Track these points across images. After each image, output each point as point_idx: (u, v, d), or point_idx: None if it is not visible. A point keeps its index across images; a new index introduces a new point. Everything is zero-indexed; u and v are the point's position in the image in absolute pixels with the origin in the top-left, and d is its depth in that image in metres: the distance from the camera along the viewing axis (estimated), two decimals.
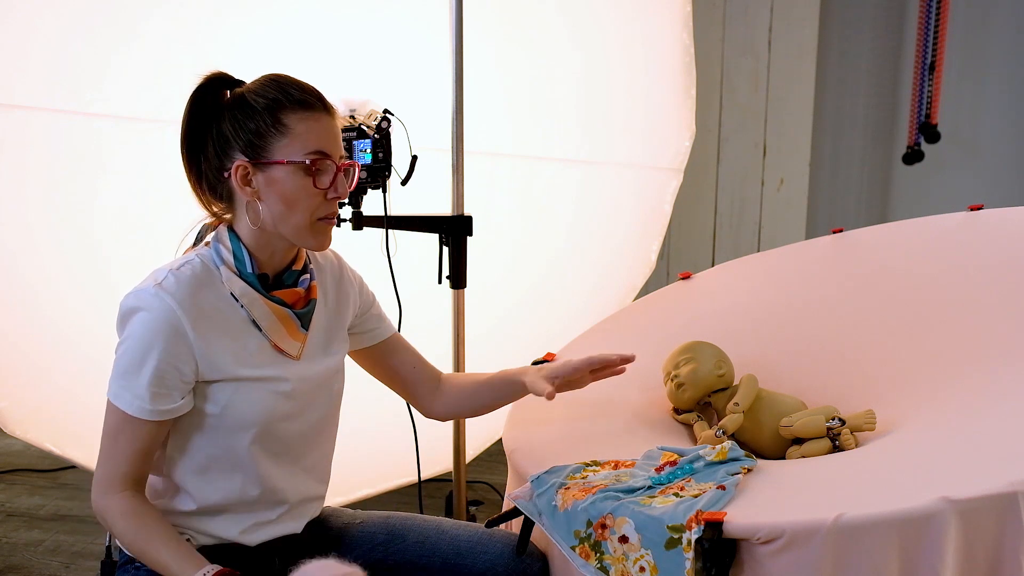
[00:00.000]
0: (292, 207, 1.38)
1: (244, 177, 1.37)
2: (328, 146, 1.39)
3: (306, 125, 1.37)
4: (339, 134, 1.42)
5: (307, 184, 1.37)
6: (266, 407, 1.40)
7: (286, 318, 1.42)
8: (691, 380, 1.75)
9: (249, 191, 1.38)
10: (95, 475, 1.36)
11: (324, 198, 1.39)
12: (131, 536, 1.33)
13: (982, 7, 3.79)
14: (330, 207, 1.41)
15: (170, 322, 1.32)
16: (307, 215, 1.39)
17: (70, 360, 2.25)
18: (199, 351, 1.34)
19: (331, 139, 1.39)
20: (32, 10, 2.09)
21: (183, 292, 1.34)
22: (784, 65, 3.80)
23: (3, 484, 3.00)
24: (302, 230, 1.39)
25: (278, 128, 1.36)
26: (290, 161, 1.36)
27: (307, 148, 1.37)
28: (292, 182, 1.37)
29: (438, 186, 2.26)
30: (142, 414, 1.32)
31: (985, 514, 1.19)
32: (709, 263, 3.94)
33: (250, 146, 1.37)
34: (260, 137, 1.36)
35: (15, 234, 2.18)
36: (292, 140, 1.36)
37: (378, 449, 2.42)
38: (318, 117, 1.38)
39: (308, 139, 1.36)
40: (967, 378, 1.60)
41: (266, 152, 1.36)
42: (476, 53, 2.35)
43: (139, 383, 1.32)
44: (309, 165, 1.37)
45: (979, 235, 1.92)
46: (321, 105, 1.39)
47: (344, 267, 1.59)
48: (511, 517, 1.49)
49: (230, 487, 1.42)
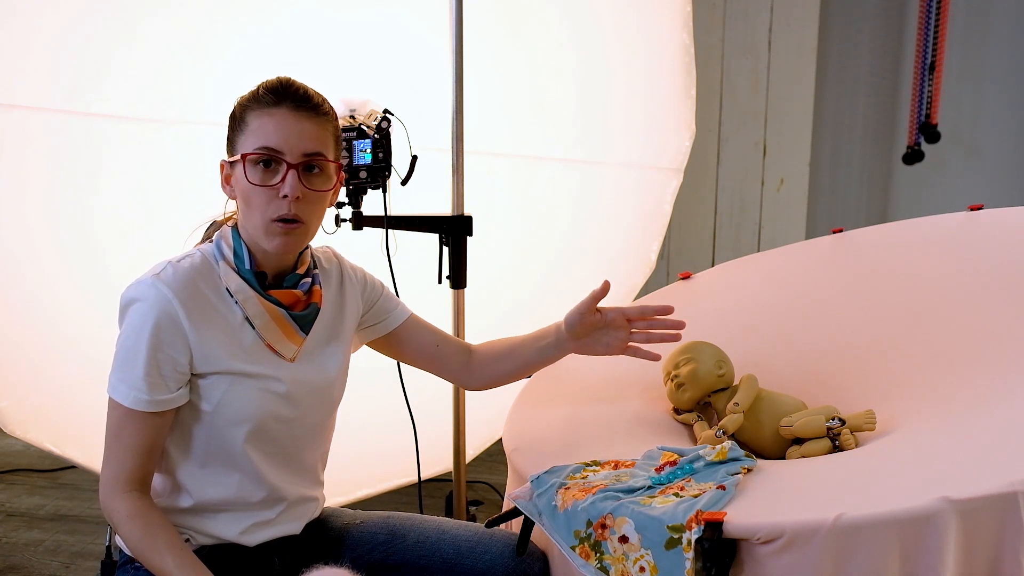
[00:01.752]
0: (248, 205, 1.39)
1: (227, 177, 1.42)
2: (278, 142, 1.36)
3: (260, 121, 1.37)
4: (306, 132, 1.37)
5: (256, 180, 1.37)
6: (259, 405, 1.40)
7: (281, 319, 1.42)
8: (691, 380, 1.75)
9: (229, 190, 1.43)
10: (102, 475, 1.36)
11: (276, 196, 1.37)
12: (136, 539, 1.33)
13: (982, 7, 3.79)
14: (280, 207, 1.37)
15: (166, 311, 1.33)
16: (259, 214, 1.37)
17: (70, 360, 2.25)
18: (194, 342, 1.35)
19: (285, 136, 1.36)
20: (33, 10, 2.09)
21: (180, 283, 1.35)
22: (784, 65, 3.80)
23: (3, 484, 3.00)
24: (257, 229, 1.38)
25: (240, 125, 1.39)
26: (243, 154, 1.37)
27: (257, 143, 1.37)
28: (244, 179, 1.38)
29: (438, 186, 2.26)
30: (139, 406, 1.33)
31: (985, 514, 1.19)
32: (709, 263, 3.94)
33: (228, 145, 1.42)
34: (231, 136, 1.41)
35: (15, 234, 2.18)
36: (247, 135, 1.38)
37: (378, 449, 2.42)
38: (274, 112, 1.36)
39: (259, 135, 1.37)
40: (967, 378, 1.60)
41: (232, 150, 1.41)
42: (476, 53, 2.35)
43: (135, 373, 1.32)
44: (256, 160, 1.36)
45: (979, 235, 1.92)
46: (288, 102, 1.37)
47: (344, 270, 1.58)
48: (511, 517, 1.49)
49: (228, 485, 1.42)
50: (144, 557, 1.33)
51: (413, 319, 1.64)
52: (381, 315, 1.61)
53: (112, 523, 1.35)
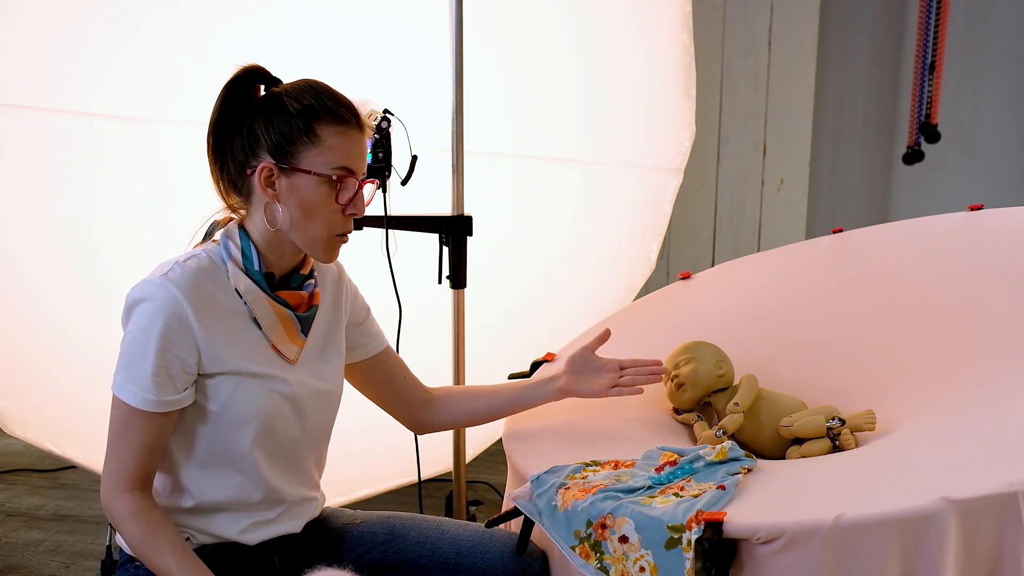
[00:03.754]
0: (310, 217, 1.38)
1: (268, 178, 1.38)
2: (355, 163, 1.40)
3: (338, 139, 1.37)
4: (366, 152, 1.43)
5: (329, 197, 1.38)
6: (266, 405, 1.40)
7: (287, 320, 1.42)
8: (691, 380, 1.75)
9: (271, 193, 1.38)
10: (103, 473, 1.36)
11: (343, 214, 1.40)
12: (137, 538, 1.33)
13: (982, 7, 3.79)
14: (347, 224, 1.42)
15: (174, 311, 1.33)
16: (324, 228, 1.40)
17: (70, 360, 2.25)
18: (202, 342, 1.35)
19: (359, 156, 1.41)
20: (33, 10, 2.09)
21: (188, 283, 1.35)
22: (784, 65, 3.80)
23: (3, 484, 3.00)
24: (316, 241, 1.40)
25: (309, 136, 1.36)
26: (316, 172, 1.37)
27: (335, 162, 1.37)
28: (315, 193, 1.37)
29: (438, 186, 2.27)
30: (146, 406, 1.33)
31: (985, 514, 1.19)
32: (709, 263, 3.94)
33: (278, 149, 1.37)
34: (290, 142, 1.37)
35: (15, 234, 2.18)
36: (322, 151, 1.37)
37: (378, 449, 2.42)
38: (350, 132, 1.39)
39: (338, 153, 1.37)
40: (967, 378, 1.60)
41: (294, 158, 1.37)
42: (476, 53, 2.35)
43: (143, 373, 1.32)
44: (335, 180, 1.37)
45: (979, 235, 1.92)
46: (355, 121, 1.40)
47: (343, 275, 1.58)
48: (511, 517, 1.49)
49: (229, 486, 1.42)
50: (145, 556, 1.33)
51: (389, 349, 1.66)
52: (363, 339, 1.61)
53: (113, 521, 1.35)
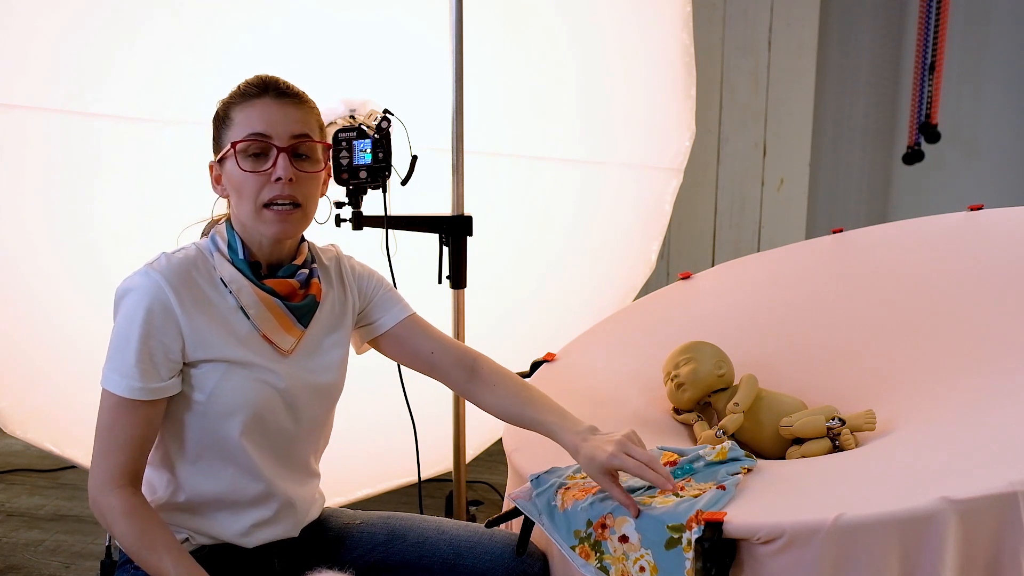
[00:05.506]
0: (240, 194, 1.40)
1: (216, 177, 1.45)
2: (265, 127, 1.39)
3: (245, 112, 1.40)
4: (291, 116, 1.40)
5: (247, 166, 1.39)
6: (254, 395, 1.40)
7: (276, 309, 1.42)
8: (691, 380, 1.75)
9: (220, 189, 1.45)
10: (91, 471, 1.35)
11: (269, 180, 1.39)
12: (132, 538, 1.32)
13: (982, 7, 3.79)
14: (273, 190, 1.39)
15: (158, 298, 1.34)
16: (252, 200, 1.39)
17: (70, 360, 2.25)
18: (186, 328, 1.36)
19: (269, 121, 1.39)
20: (32, 10, 2.09)
21: (172, 271, 1.37)
22: (784, 65, 3.80)
23: (3, 484, 3.00)
24: (249, 216, 1.40)
25: (225, 122, 1.42)
26: (232, 143, 1.39)
27: (244, 132, 1.39)
28: (236, 171, 1.39)
29: (438, 186, 2.26)
30: (132, 393, 1.33)
31: (985, 514, 1.19)
32: (709, 263, 3.94)
33: (214, 146, 1.44)
34: (217, 135, 1.44)
35: (15, 234, 2.18)
36: (233, 129, 1.40)
37: (378, 449, 2.42)
38: (256, 103, 1.40)
39: (245, 124, 1.39)
40: (967, 378, 1.60)
41: (220, 147, 1.43)
42: (476, 53, 2.35)
43: (127, 361, 1.33)
44: (246, 149, 1.38)
45: (979, 235, 1.92)
46: (270, 90, 1.40)
47: (343, 268, 1.57)
48: (511, 517, 1.49)
49: (222, 479, 1.41)
50: (140, 556, 1.32)
51: (411, 320, 1.58)
52: (377, 313, 1.58)
53: (104, 520, 1.34)
